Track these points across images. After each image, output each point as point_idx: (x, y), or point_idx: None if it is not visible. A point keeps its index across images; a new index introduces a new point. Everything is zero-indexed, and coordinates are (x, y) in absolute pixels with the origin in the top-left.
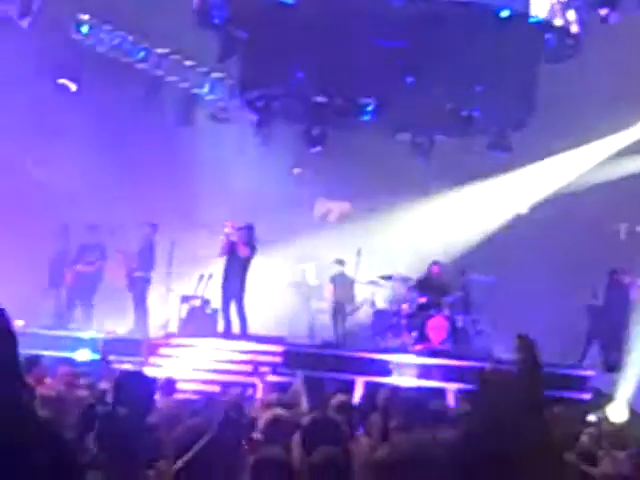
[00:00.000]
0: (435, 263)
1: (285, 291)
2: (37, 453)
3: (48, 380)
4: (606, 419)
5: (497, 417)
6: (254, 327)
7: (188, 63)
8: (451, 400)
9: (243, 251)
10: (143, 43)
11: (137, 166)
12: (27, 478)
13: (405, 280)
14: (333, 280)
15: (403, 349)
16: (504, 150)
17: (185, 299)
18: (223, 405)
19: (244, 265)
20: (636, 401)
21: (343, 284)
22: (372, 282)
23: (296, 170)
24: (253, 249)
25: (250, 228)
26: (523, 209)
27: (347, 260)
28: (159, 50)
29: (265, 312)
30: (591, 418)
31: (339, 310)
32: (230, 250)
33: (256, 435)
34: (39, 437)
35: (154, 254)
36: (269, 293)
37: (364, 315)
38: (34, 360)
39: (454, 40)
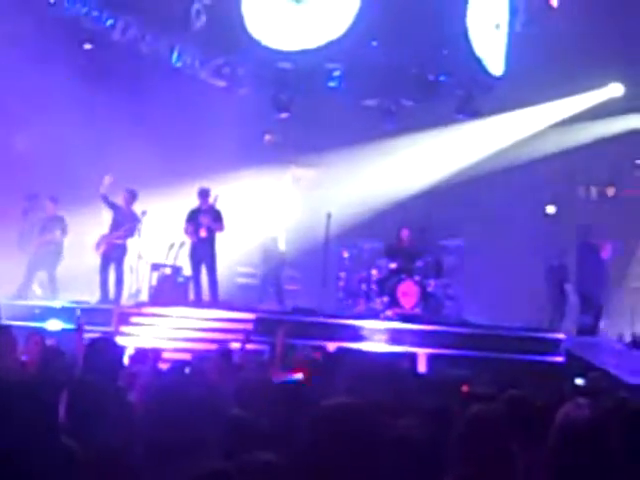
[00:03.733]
0: (404, 227)
1: (254, 258)
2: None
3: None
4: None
5: None
6: (223, 295)
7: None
8: (422, 365)
9: (218, 228)
10: (110, 11)
11: (110, 133)
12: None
13: (373, 246)
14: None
15: (374, 314)
16: (471, 114)
17: (155, 267)
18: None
19: (213, 233)
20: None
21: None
22: (347, 245)
23: (267, 137)
24: (219, 215)
25: (209, 193)
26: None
27: (319, 225)
28: (127, 18)
29: (235, 279)
30: (578, 382)
31: None
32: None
33: None
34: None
35: (134, 221)
36: (239, 260)
37: None
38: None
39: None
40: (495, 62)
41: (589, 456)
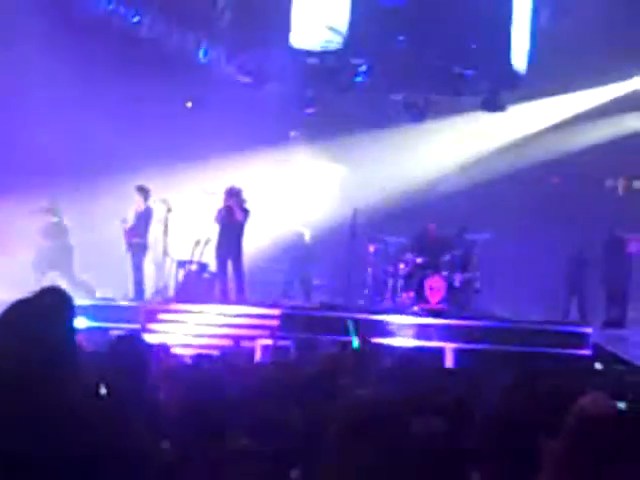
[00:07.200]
0: (431, 222)
1: (280, 254)
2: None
3: None
4: None
5: None
6: (249, 291)
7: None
8: (450, 359)
9: (239, 216)
10: (136, 7)
11: (135, 130)
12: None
13: (401, 240)
14: None
15: (401, 309)
16: (497, 109)
17: (181, 264)
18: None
19: (239, 229)
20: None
21: None
22: (373, 239)
23: (292, 133)
24: (247, 213)
25: (239, 192)
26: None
27: (345, 220)
28: (153, 14)
29: (260, 276)
30: (597, 366)
31: None
32: (225, 216)
33: None
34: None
35: (150, 219)
36: (265, 256)
37: None
38: None
39: None
40: (520, 58)
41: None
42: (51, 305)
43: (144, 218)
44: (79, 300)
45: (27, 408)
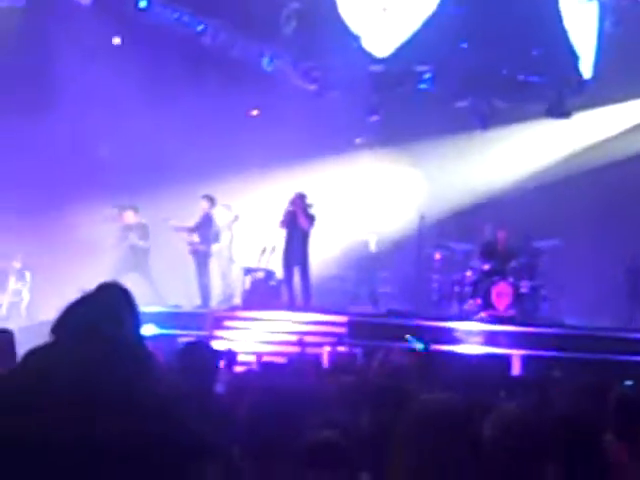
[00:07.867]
0: (501, 229)
1: (347, 261)
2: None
3: None
4: None
5: None
6: (316, 298)
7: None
8: (517, 367)
9: (303, 222)
10: (200, 16)
11: (199, 139)
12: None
13: (466, 247)
14: None
15: (468, 316)
16: (562, 116)
17: (248, 271)
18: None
19: (305, 235)
20: None
21: None
22: (440, 246)
23: (358, 140)
24: (312, 219)
25: (303, 197)
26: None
27: (411, 226)
28: (217, 23)
29: (330, 284)
30: None
31: None
32: (290, 221)
33: None
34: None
35: (214, 227)
36: (333, 264)
37: None
38: None
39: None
40: (585, 64)
41: None
42: (110, 300)
43: (208, 225)
44: (151, 306)
45: (85, 401)
